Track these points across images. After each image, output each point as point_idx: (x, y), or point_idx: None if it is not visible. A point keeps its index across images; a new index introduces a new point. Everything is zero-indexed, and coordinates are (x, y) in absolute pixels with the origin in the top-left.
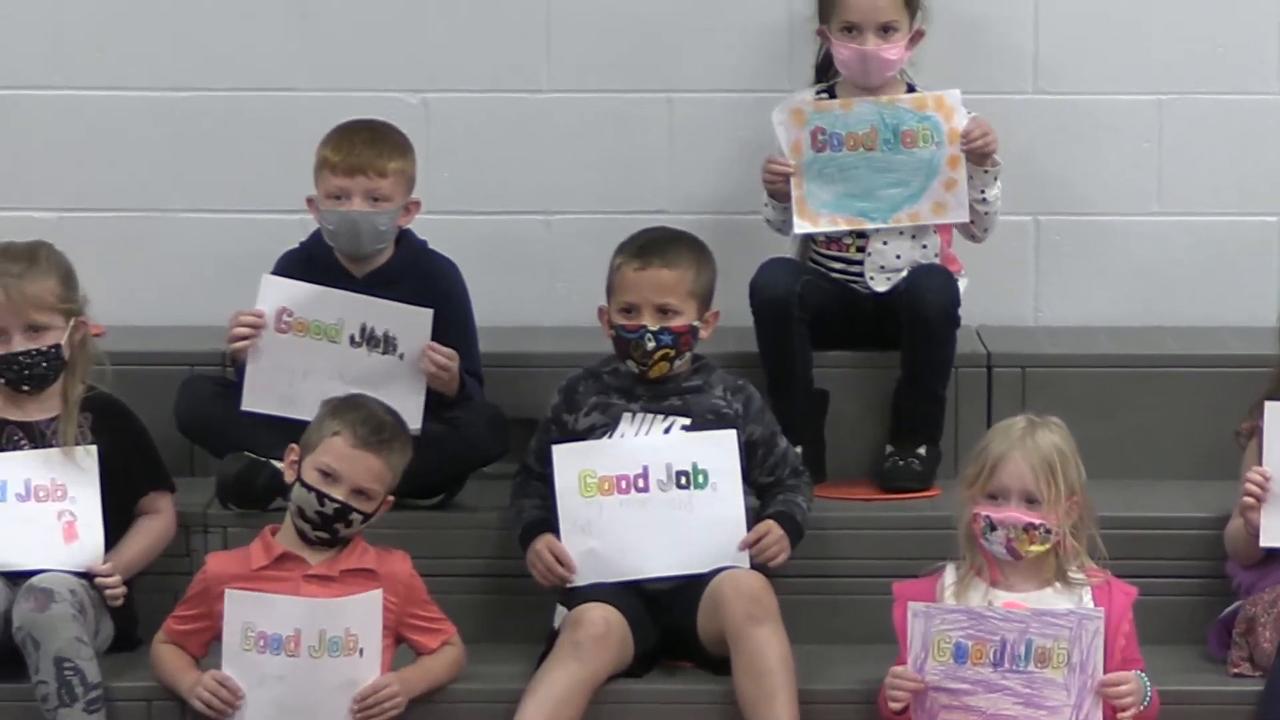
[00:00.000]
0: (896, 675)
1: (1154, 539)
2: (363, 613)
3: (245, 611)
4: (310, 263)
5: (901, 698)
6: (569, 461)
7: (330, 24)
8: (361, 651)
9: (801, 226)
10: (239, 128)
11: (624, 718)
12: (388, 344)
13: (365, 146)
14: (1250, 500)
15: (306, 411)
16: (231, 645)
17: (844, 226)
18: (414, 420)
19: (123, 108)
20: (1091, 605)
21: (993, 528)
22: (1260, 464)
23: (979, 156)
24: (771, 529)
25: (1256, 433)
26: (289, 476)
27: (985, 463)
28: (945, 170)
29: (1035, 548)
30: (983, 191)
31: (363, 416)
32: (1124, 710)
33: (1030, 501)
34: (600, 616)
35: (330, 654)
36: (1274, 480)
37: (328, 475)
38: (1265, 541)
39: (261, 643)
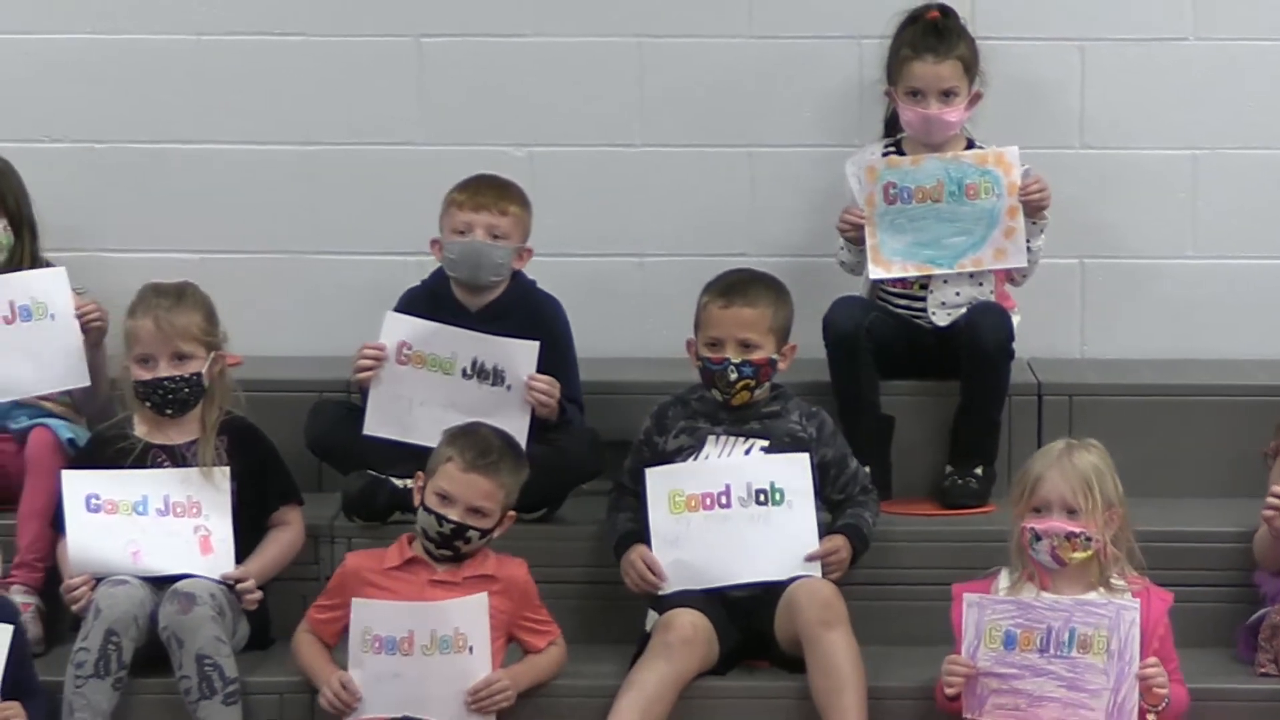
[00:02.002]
0: (952, 662)
1: (1188, 551)
2: (469, 614)
3: (365, 617)
4: (430, 297)
5: (956, 683)
6: (660, 483)
7: (445, 85)
8: (471, 649)
9: (875, 273)
10: (362, 178)
11: (711, 712)
12: (496, 377)
13: (489, 189)
14: (1271, 513)
15: (422, 437)
16: (354, 647)
17: (914, 273)
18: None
19: (258, 160)
20: None
21: (1038, 538)
22: None
23: (1032, 209)
24: (840, 546)
25: None
26: (416, 501)
27: (1028, 482)
28: (1005, 220)
29: (1078, 554)
30: (1029, 241)
31: (472, 442)
32: (1160, 690)
33: (1071, 513)
34: (688, 621)
35: (441, 651)
36: None
37: (444, 498)
38: None
39: (377, 644)
